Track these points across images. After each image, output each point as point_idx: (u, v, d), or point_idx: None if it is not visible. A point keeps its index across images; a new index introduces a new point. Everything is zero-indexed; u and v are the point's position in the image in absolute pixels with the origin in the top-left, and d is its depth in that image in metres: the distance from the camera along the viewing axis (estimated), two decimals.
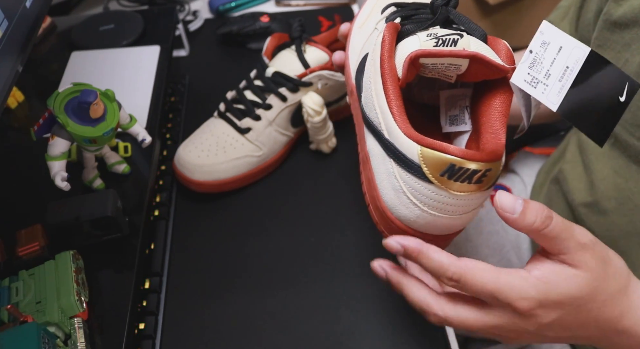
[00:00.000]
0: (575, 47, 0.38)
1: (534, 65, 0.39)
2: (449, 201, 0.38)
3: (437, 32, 0.40)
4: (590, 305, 0.39)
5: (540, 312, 0.38)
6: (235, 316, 0.56)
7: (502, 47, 0.41)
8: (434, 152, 0.37)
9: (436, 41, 0.39)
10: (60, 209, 0.52)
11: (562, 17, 0.69)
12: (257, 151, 0.65)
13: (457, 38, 0.38)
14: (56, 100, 0.51)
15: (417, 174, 0.38)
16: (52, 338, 0.44)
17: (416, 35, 0.41)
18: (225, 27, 0.85)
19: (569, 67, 0.39)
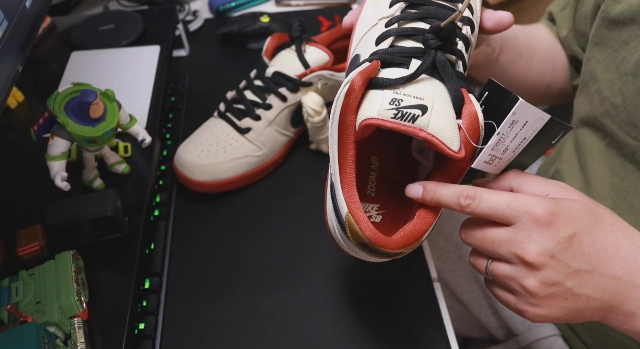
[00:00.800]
0: (540, 118, 0.39)
1: (497, 146, 0.39)
2: (371, 259, 0.40)
3: (403, 98, 0.37)
4: (602, 225, 0.40)
5: (558, 221, 0.38)
6: (235, 316, 0.56)
7: (470, 116, 0.38)
8: (354, 224, 0.38)
9: (395, 113, 0.37)
10: (60, 209, 0.52)
11: (562, 7, 0.69)
12: (257, 151, 0.65)
13: (417, 114, 0.37)
14: (56, 100, 0.51)
15: (344, 232, 0.39)
16: (52, 338, 0.44)
17: (383, 93, 0.38)
18: (225, 27, 0.85)
19: (526, 138, 0.40)
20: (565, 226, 0.38)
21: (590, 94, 0.59)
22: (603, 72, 0.56)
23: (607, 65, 0.55)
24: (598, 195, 0.58)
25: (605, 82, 0.56)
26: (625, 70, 0.53)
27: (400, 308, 0.56)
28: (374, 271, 0.58)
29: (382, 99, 0.38)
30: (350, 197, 0.38)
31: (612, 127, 0.55)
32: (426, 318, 0.55)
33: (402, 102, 0.37)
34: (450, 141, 0.37)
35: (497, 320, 0.75)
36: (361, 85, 0.39)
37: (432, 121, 0.37)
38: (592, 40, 0.58)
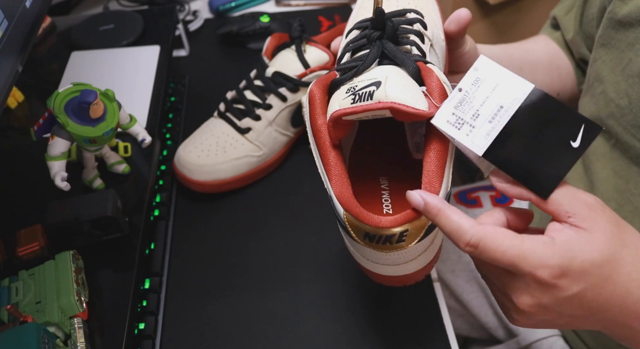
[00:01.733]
0: (515, 84, 0.36)
1: (461, 105, 0.36)
2: (382, 257, 0.39)
3: (357, 84, 0.38)
4: (615, 276, 0.35)
5: (562, 283, 0.35)
6: (235, 316, 0.56)
7: (433, 80, 0.38)
8: (353, 219, 0.37)
9: (353, 98, 0.37)
10: (60, 209, 0.52)
11: (566, 11, 0.69)
12: (257, 151, 0.65)
13: (372, 90, 0.36)
14: (56, 100, 0.51)
15: (348, 235, 0.39)
16: (52, 338, 0.44)
17: (340, 89, 0.39)
18: (225, 27, 0.85)
19: (503, 106, 0.36)
20: (571, 286, 0.35)
21: (595, 95, 0.59)
22: (609, 74, 0.56)
23: (613, 67, 0.55)
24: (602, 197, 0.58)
25: (611, 84, 0.55)
26: (632, 72, 0.53)
27: (400, 308, 0.56)
28: None
29: (340, 93, 0.39)
30: (343, 199, 0.38)
31: (617, 128, 0.55)
32: (426, 318, 0.55)
33: (356, 88, 0.38)
34: (413, 103, 0.36)
35: (497, 320, 0.75)
36: (320, 91, 0.40)
37: (389, 90, 0.36)
38: (598, 41, 0.58)
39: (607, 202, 0.56)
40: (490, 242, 0.35)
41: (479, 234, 0.35)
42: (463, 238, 0.35)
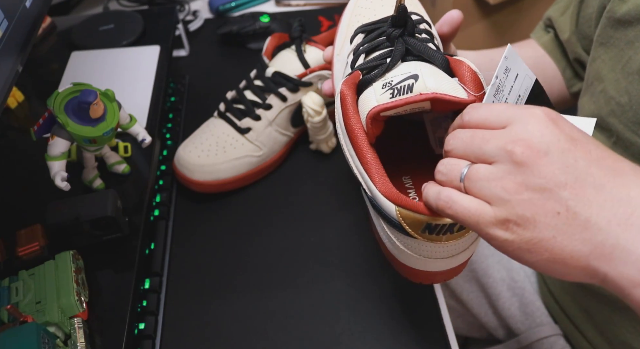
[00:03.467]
0: (527, 75, 0.37)
1: (498, 93, 0.37)
2: (440, 249, 0.38)
3: (393, 79, 0.38)
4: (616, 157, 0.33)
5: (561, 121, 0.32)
6: (235, 316, 0.56)
7: (466, 70, 0.38)
8: (409, 212, 0.36)
9: (391, 92, 0.37)
10: (60, 209, 0.52)
11: (562, 12, 0.69)
12: (257, 151, 0.65)
13: (411, 83, 0.37)
14: (56, 100, 0.51)
15: (401, 231, 0.38)
16: (52, 338, 0.45)
17: (372, 86, 0.39)
18: (225, 27, 0.85)
19: (520, 96, 0.38)
20: (571, 128, 0.32)
21: (595, 94, 0.59)
22: (608, 72, 0.56)
23: (613, 65, 0.55)
24: None
25: (611, 82, 0.56)
26: (631, 70, 0.53)
27: (400, 308, 0.56)
28: (374, 271, 0.58)
29: (375, 90, 0.39)
30: (392, 195, 0.37)
31: (618, 126, 0.55)
32: (426, 318, 0.55)
33: (393, 82, 0.38)
34: (454, 92, 0.37)
35: (497, 320, 0.75)
36: (351, 91, 0.40)
37: (428, 82, 0.36)
38: (597, 40, 0.58)
39: None
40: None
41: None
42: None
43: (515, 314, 0.72)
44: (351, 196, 0.66)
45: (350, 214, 0.64)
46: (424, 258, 0.40)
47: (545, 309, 0.72)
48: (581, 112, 0.64)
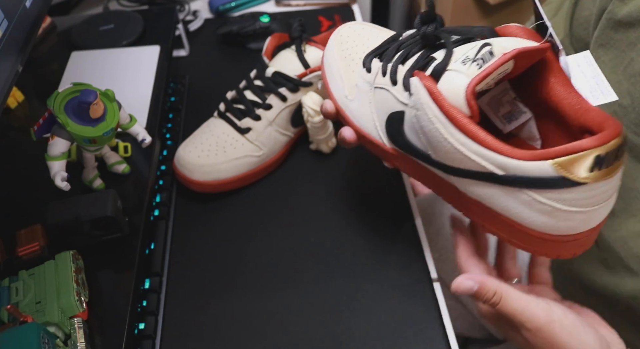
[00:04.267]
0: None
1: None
2: (605, 188, 0.38)
3: (467, 55, 0.38)
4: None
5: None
6: (235, 316, 0.56)
7: (516, 30, 0.41)
8: (571, 157, 0.35)
9: (477, 63, 0.38)
10: (60, 209, 0.52)
11: (554, 13, 0.69)
12: (257, 151, 0.65)
13: (489, 50, 0.38)
14: (56, 100, 0.51)
15: (565, 185, 0.37)
16: (52, 338, 0.44)
17: (450, 70, 0.39)
18: (225, 27, 0.85)
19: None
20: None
21: None
22: (609, 74, 0.56)
23: (614, 67, 0.55)
24: None
25: (613, 84, 0.55)
26: (634, 71, 0.53)
27: (400, 308, 0.56)
28: (375, 271, 0.58)
29: (458, 70, 0.39)
30: (539, 154, 0.36)
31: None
32: (426, 318, 0.55)
33: (470, 56, 0.38)
34: (530, 43, 0.39)
35: None
36: (432, 82, 0.39)
37: (503, 43, 0.38)
38: (596, 41, 0.58)
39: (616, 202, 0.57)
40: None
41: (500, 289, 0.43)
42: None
43: None
44: (351, 196, 0.66)
45: (350, 214, 0.64)
46: (591, 209, 0.38)
47: None
48: None
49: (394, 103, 0.44)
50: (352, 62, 0.51)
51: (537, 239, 0.41)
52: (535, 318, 0.41)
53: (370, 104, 0.47)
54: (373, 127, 0.48)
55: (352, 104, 0.50)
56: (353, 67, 0.50)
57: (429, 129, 0.40)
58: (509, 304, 0.42)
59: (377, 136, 0.48)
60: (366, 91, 0.48)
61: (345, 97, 0.51)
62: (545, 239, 0.41)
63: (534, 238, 0.41)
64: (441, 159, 0.41)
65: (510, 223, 0.41)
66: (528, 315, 0.41)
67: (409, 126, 0.43)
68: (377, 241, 0.61)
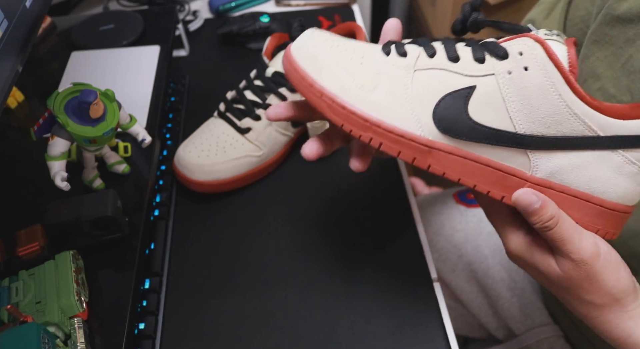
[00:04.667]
0: None
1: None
2: None
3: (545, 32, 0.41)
4: (554, 288, 0.44)
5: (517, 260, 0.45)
6: (235, 316, 0.56)
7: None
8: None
9: (557, 34, 0.40)
10: (60, 209, 0.52)
11: (546, 14, 0.68)
12: (257, 151, 0.65)
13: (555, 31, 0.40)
14: (56, 100, 0.51)
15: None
16: (52, 338, 0.44)
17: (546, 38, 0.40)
18: (225, 27, 0.85)
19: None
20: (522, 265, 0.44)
21: (591, 91, 0.58)
22: (606, 70, 0.56)
23: (611, 63, 0.55)
24: None
25: (610, 80, 0.55)
26: (633, 68, 0.53)
27: (400, 308, 0.56)
28: (375, 271, 0.59)
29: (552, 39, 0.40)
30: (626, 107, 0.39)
31: None
32: (426, 318, 0.55)
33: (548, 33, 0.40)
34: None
35: (497, 320, 0.75)
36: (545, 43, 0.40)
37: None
38: (590, 37, 0.58)
39: None
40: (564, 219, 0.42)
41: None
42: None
43: (515, 314, 0.72)
44: (351, 196, 0.66)
45: (350, 214, 0.64)
46: None
47: (545, 309, 0.71)
48: None
49: (454, 81, 0.41)
50: (355, 53, 0.45)
51: (607, 215, 0.42)
52: (583, 249, 0.40)
53: (406, 90, 0.42)
54: (409, 117, 0.42)
55: (373, 95, 0.43)
56: (360, 57, 0.44)
57: (539, 86, 0.39)
58: (562, 230, 0.40)
59: (412, 128, 0.42)
60: (400, 77, 0.42)
61: (361, 88, 0.43)
62: (618, 210, 0.42)
63: (605, 212, 0.42)
64: (533, 128, 0.40)
65: (586, 198, 0.42)
66: (577, 245, 0.40)
67: (483, 100, 0.40)
68: (377, 241, 0.61)
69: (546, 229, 0.40)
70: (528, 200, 0.40)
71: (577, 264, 0.41)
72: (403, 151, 0.42)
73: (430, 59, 0.42)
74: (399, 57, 0.43)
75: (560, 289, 0.43)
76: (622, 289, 0.42)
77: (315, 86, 0.43)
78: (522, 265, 0.45)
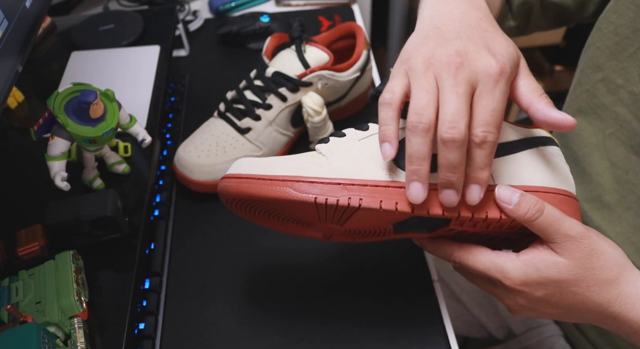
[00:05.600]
0: None
1: None
2: None
3: None
4: (574, 288, 0.42)
5: (525, 289, 0.42)
6: (235, 316, 0.56)
7: None
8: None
9: None
10: (60, 209, 0.52)
11: None
12: (257, 151, 0.65)
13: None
14: (56, 100, 0.51)
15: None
16: (52, 338, 0.45)
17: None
18: (225, 27, 0.85)
19: None
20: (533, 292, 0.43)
21: (591, 82, 0.57)
22: (609, 60, 0.55)
23: (616, 53, 0.54)
24: (602, 190, 0.57)
25: (616, 70, 0.54)
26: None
27: (401, 308, 0.56)
28: (374, 271, 0.58)
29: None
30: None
31: (627, 116, 0.54)
32: (426, 318, 0.55)
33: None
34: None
35: (497, 320, 0.75)
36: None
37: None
38: (596, 25, 0.57)
39: (608, 195, 0.56)
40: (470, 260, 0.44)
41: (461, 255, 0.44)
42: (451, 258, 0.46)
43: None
44: None
45: None
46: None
47: None
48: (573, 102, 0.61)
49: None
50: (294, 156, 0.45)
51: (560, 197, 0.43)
52: (575, 225, 0.41)
53: (361, 154, 0.43)
54: (378, 169, 0.42)
55: (334, 164, 0.43)
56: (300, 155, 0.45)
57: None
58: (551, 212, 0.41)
59: (383, 176, 0.42)
60: (349, 148, 0.44)
61: (319, 165, 0.43)
62: (567, 195, 0.44)
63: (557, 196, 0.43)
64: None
65: (543, 190, 0.43)
66: (570, 222, 0.41)
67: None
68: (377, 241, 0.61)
69: (538, 215, 0.40)
70: (509, 192, 0.41)
71: (578, 240, 0.41)
72: (384, 200, 0.41)
73: (366, 131, 0.44)
74: (339, 138, 0.44)
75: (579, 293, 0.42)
76: (622, 253, 0.43)
77: (275, 178, 0.42)
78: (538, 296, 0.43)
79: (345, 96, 0.70)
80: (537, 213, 0.40)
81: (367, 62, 0.71)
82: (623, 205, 0.55)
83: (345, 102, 0.71)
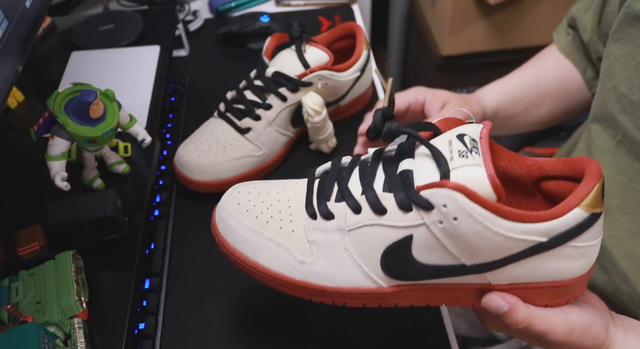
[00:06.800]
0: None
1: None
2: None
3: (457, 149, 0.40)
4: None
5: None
6: (235, 316, 0.56)
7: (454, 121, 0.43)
8: (593, 193, 0.38)
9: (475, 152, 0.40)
10: (60, 209, 0.52)
11: (585, 10, 0.68)
12: (257, 151, 0.65)
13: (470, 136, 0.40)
14: (56, 100, 0.51)
15: (593, 221, 0.39)
16: (52, 338, 0.45)
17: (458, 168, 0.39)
18: (225, 27, 0.85)
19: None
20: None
21: (604, 90, 0.58)
22: (621, 69, 0.55)
23: (626, 62, 0.55)
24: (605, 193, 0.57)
25: (623, 79, 0.55)
26: None
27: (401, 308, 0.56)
28: None
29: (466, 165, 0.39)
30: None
31: (627, 124, 0.54)
32: (426, 318, 0.55)
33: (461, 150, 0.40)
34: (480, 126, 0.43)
35: None
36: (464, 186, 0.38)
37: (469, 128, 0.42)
38: (613, 36, 0.57)
39: (610, 199, 0.57)
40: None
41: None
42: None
43: None
44: None
45: None
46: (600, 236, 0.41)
47: None
48: (593, 109, 0.63)
49: (389, 234, 0.40)
50: (281, 221, 0.44)
51: (572, 287, 0.42)
52: (558, 334, 0.42)
53: (347, 252, 0.42)
54: (360, 276, 0.42)
55: (316, 267, 0.43)
56: (288, 220, 0.44)
57: (473, 232, 0.38)
58: (535, 327, 0.42)
59: (367, 283, 0.43)
60: (335, 241, 0.42)
61: (302, 263, 0.43)
62: (579, 283, 0.42)
63: (568, 288, 0.42)
64: (480, 260, 0.40)
65: (547, 286, 0.41)
66: (553, 334, 0.42)
67: (423, 246, 0.40)
68: None
69: (519, 330, 0.42)
70: (495, 304, 0.41)
71: (556, 344, 0.43)
72: (367, 303, 0.44)
73: (358, 215, 0.41)
74: (326, 221, 0.43)
75: None
76: (601, 341, 0.44)
77: (259, 268, 0.44)
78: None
79: (345, 95, 0.70)
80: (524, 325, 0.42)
81: (367, 62, 0.71)
82: (622, 210, 0.56)
83: (345, 102, 0.71)
